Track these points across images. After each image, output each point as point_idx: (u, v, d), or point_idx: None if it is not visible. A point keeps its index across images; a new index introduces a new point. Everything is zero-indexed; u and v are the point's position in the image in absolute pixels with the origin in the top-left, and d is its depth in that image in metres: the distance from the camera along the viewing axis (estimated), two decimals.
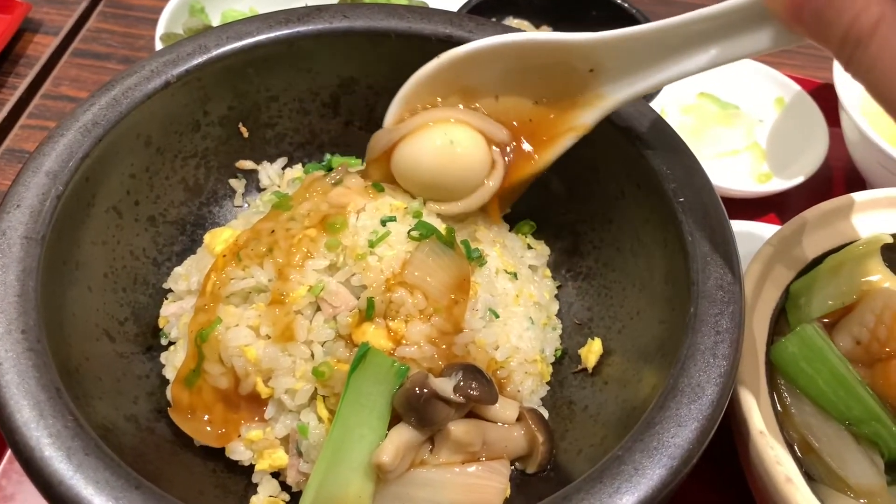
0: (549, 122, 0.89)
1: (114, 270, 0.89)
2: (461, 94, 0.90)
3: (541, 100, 0.88)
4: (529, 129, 0.90)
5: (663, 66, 0.79)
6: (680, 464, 0.65)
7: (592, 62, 0.82)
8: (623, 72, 0.82)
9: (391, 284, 0.80)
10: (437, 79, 0.89)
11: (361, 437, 0.74)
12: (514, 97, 0.89)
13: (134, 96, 0.88)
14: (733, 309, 0.74)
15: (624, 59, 0.81)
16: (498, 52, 0.86)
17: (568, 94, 0.86)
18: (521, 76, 0.87)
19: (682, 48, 0.76)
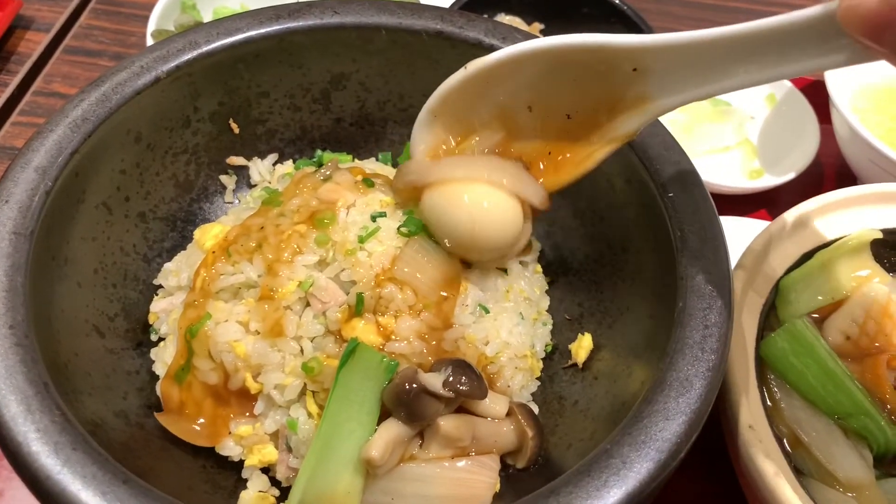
0: (587, 133, 0.80)
1: (104, 266, 0.89)
2: (493, 110, 0.82)
3: (576, 112, 0.80)
4: (561, 147, 0.83)
5: (717, 76, 0.69)
6: (668, 457, 0.65)
7: (636, 62, 0.72)
8: (671, 75, 0.72)
9: (381, 280, 0.80)
10: (466, 91, 0.81)
11: (350, 432, 0.74)
12: (548, 109, 0.81)
13: (124, 92, 0.87)
14: (721, 303, 0.75)
15: (672, 63, 0.71)
16: (529, 59, 0.77)
17: (608, 99, 0.77)
18: (557, 84, 0.78)
19: (741, 59, 0.66)
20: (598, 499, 0.62)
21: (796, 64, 0.63)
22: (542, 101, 0.80)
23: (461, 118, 0.83)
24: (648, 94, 0.74)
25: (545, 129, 0.82)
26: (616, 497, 0.63)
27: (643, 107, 0.75)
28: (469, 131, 0.84)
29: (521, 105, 0.81)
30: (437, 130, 0.84)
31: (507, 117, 0.83)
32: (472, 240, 0.82)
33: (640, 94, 0.74)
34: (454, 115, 0.83)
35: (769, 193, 1.28)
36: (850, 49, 0.59)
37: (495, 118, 0.83)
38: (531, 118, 0.82)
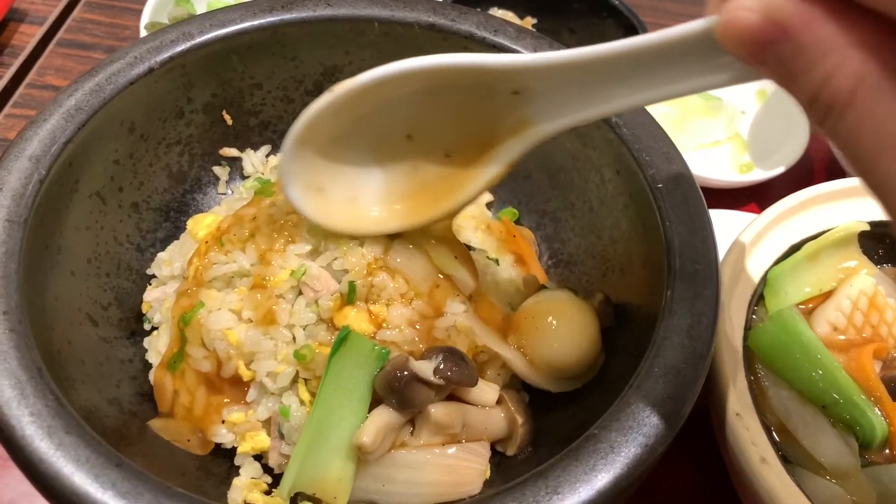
0: (469, 163, 0.75)
1: (97, 256, 0.89)
2: (369, 139, 0.76)
3: (458, 140, 0.75)
4: (443, 177, 0.77)
5: (600, 97, 0.64)
6: (655, 442, 0.66)
7: (517, 84, 0.67)
8: (553, 97, 0.67)
9: (372, 269, 0.80)
10: (335, 116, 0.73)
11: (342, 419, 0.75)
12: (429, 137, 0.75)
13: (117, 82, 0.88)
14: (709, 292, 0.75)
15: (554, 84, 0.66)
16: (401, 81, 0.70)
17: (489, 125, 0.72)
18: (436, 109, 0.72)
19: (623, 79, 0.62)
20: (586, 483, 0.63)
21: (681, 83, 0.58)
22: (422, 129, 0.74)
23: (333, 146, 0.76)
24: (529, 119, 0.70)
25: (426, 159, 0.77)
26: (604, 481, 0.63)
27: (524, 132, 0.71)
28: (342, 159, 0.77)
29: (399, 133, 0.75)
30: (307, 160, 0.76)
31: (384, 145, 0.76)
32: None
33: (521, 119, 0.70)
34: (324, 142, 0.75)
35: (759, 187, 1.29)
36: (736, 67, 0.54)
37: (372, 148, 0.77)
38: (412, 147, 0.76)
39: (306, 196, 0.77)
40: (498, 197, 1.07)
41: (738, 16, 0.44)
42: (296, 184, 0.76)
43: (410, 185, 0.79)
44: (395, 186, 0.79)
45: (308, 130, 0.73)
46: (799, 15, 0.42)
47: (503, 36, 0.98)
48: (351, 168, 0.78)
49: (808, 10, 0.42)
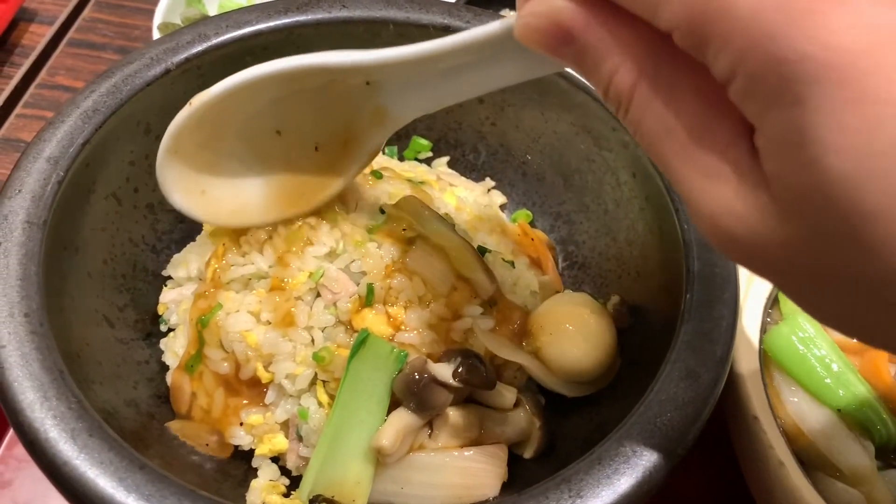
0: (338, 155, 0.80)
1: (113, 257, 0.89)
2: (239, 138, 0.79)
3: (323, 133, 0.78)
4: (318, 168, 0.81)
5: (445, 87, 0.68)
6: (677, 446, 0.66)
7: (365, 75, 0.70)
8: (401, 88, 0.71)
9: (390, 271, 0.81)
10: (199, 126, 0.75)
11: (361, 421, 0.75)
12: (296, 133, 0.79)
13: (134, 83, 0.88)
14: (728, 295, 0.76)
15: (398, 77, 0.69)
16: (257, 87, 0.73)
17: (350, 116, 0.76)
18: (297, 107, 0.76)
19: (459, 70, 0.65)
20: (608, 486, 0.63)
21: (510, 72, 0.62)
22: (288, 125, 0.78)
23: (205, 151, 0.78)
24: (385, 107, 0.73)
25: (298, 153, 0.80)
26: (626, 485, 0.64)
27: (383, 121, 0.75)
28: (218, 161, 0.79)
29: (267, 130, 0.78)
30: (182, 167, 0.78)
31: (256, 143, 0.79)
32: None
33: (378, 108, 0.74)
34: (195, 148, 0.78)
35: None
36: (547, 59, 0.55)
37: (245, 145, 0.79)
38: (282, 142, 0.79)
39: (190, 200, 0.80)
40: (511, 199, 1.08)
41: (529, 22, 0.48)
42: (177, 191, 0.79)
43: (286, 179, 0.82)
44: (272, 181, 0.82)
45: (175, 141, 0.76)
46: (580, 19, 0.45)
47: None
48: (228, 167, 0.80)
49: (587, 15, 0.45)
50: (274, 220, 0.83)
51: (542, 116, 1.02)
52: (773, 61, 0.36)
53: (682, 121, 0.43)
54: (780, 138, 0.38)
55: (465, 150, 1.10)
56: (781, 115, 0.37)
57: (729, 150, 0.42)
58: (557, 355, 0.83)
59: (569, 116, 0.99)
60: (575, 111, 0.97)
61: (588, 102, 0.94)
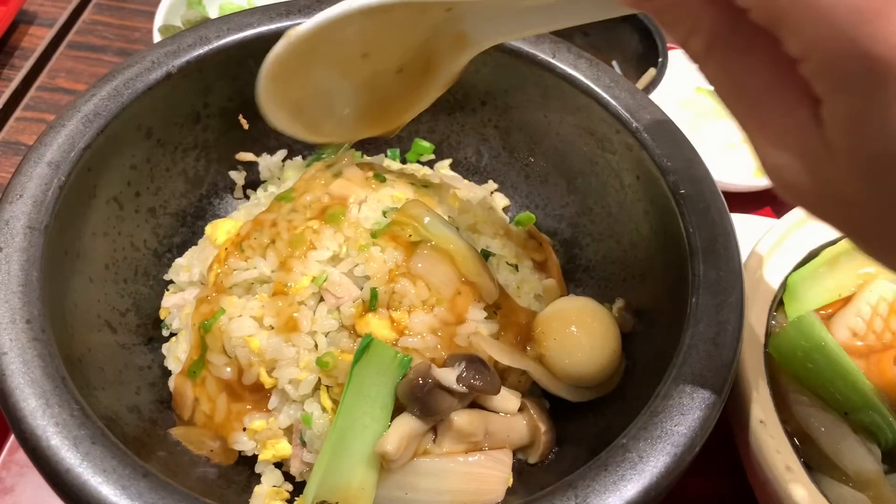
0: (420, 77, 0.85)
1: (115, 262, 0.89)
2: (330, 66, 0.82)
3: (407, 58, 0.83)
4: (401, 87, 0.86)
5: (521, 19, 0.76)
6: (683, 451, 0.66)
7: (448, 3, 0.75)
8: (481, 16, 0.77)
9: (394, 275, 0.80)
10: (295, 55, 0.79)
11: (365, 427, 0.74)
12: (382, 56, 0.82)
13: (135, 87, 0.87)
14: (734, 299, 0.75)
15: (481, 6, 0.76)
16: (347, 20, 0.76)
17: (430, 39, 0.80)
18: (382, 29, 0.78)
19: (540, 6, 0.72)
20: (615, 493, 0.63)
21: (585, 13, 0.71)
22: (374, 49, 0.81)
23: (300, 75, 0.83)
24: (465, 33, 0.79)
25: (383, 75, 0.84)
26: (633, 491, 0.63)
27: (463, 46, 0.80)
28: (311, 84, 0.84)
29: (355, 54, 0.82)
30: (280, 91, 0.82)
31: (345, 67, 0.83)
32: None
33: (459, 34, 0.79)
34: (291, 74, 0.82)
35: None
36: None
37: (335, 69, 0.83)
38: (369, 65, 0.83)
39: (288, 119, 0.85)
40: (514, 201, 1.07)
41: None
42: (278, 112, 0.83)
43: (372, 100, 0.86)
44: (360, 101, 0.87)
45: (274, 68, 0.80)
46: None
47: (522, 41, 0.97)
48: (321, 90, 0.85)
49: None
50: (360, 137, 0.92)
51: (545, 119, 1.01)
52: (845, 55, 0.42)
53: (752, 83, 0.49)
54: (846, 117, 0.44)
55: (467, 153, 1.09)
56: (850, 99, 0.43)
57: (794, 113, 0.47)
58: (562, 360, 0.82)
59: (572, 118, 0.98)
60: (578, 113, 0.97)
61: (591, 105, 0.94)
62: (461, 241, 0.84)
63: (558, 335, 0.83)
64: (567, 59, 0.96)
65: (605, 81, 0.94)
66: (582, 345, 0.82)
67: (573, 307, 0.86)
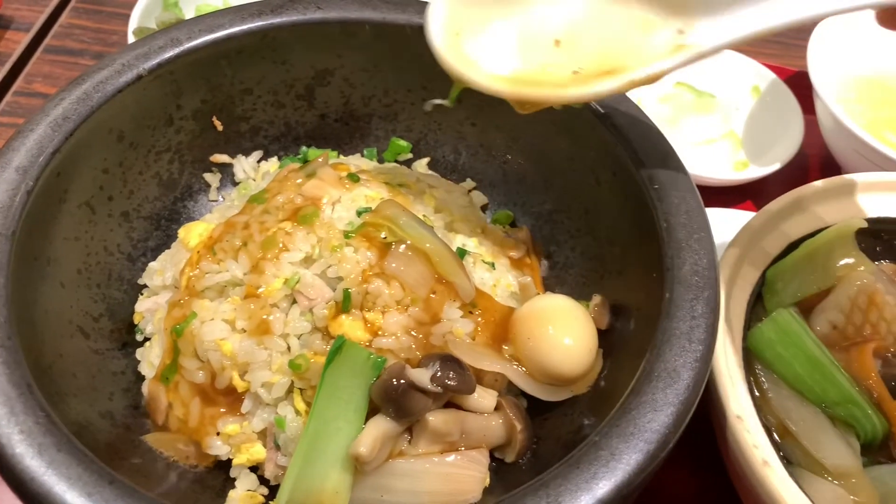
0: (594, 80, 0.79)
1: (87, 266, 0.88)
2: (519, 24, 0.80)
3: (593, 65, 0.79)
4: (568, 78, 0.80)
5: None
6: (656, 448, 0.65)
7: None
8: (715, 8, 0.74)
9: (367, 275, 0.79)
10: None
11: (338, 429, 0.74)
12: (574, 47, 0.80)
13: (105, 90, 0.87)
14: (708, 294, 0.75)
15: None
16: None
17: (634, 50, 0.77)
18: (589, 27, 0.78)
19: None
20: (588, 491, 0.62)
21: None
22: (568, 40, 0.78)
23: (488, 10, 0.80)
24: (688, 44, 0.74)
25: (560, 67, 0.80)
26: (605, 489, 0.62)
27: (678, 51, 0.75)
28: (490, 27, 0.81)
29: (547, 35, 0.79)
30: (453, 18, 0.80)
31: (529, 41, 0.80)
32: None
33: (679, 45, 0.75)
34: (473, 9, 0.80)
35: (755, 184, 1.28)
36: None
37: (517, 36, 0.80)
38: (552, 51, 0.80)
39: (448, 49, 0.81)
40: (493, 199, 1.07)
41: None
42: (440, 35, 0.80)
43: (532, 71, 0.81)
44: (523, 65, 0.81)
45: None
46: None
47: None
48: (499, 38, 0.81)
49: None
50: (500, 91, 0.82)
51: (521, 115, 1.00)
52: None
53: None
54: None
55: (445, 151, 1.09)
56: None
57: None
58: (537, 359, 0.82)
59: (549, 115, 0.97)
60: (554, 110, 0.96)
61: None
62: (436, 240, 0.83)
63: (533, 335, 0.82)
64: None
65: None
66: (557, 344, 0.81)
67: (548, 305, 0.85)
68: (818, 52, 1.27)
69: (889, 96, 1.32)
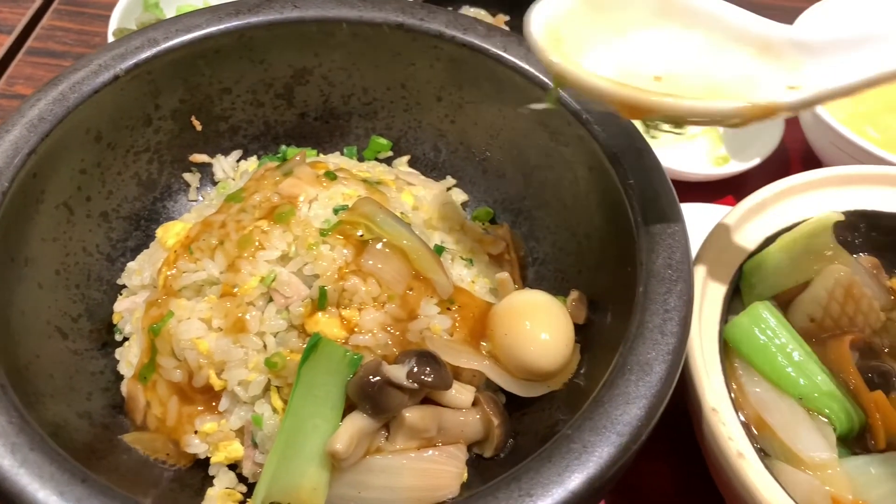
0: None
1: (66, 267, 0.88)
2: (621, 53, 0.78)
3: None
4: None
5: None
6: (629, 440, 0.65)
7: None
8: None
9: (344, 273, 0.80)
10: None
11: (315, 427, 0.74)
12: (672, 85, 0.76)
13: (82, 91, 0.87)
14: (681, 287, 0.75)
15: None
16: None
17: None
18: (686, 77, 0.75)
19: None
20: (559, 484, 0.63)
21: None
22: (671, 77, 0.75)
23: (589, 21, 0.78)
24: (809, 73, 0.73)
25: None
26: (577, 481, 0.63)
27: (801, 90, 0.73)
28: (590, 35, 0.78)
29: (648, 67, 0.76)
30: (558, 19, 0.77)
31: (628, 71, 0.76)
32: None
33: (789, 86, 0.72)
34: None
35: (736, 179, 1.28)
36: None
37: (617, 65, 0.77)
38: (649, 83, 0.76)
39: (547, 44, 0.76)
40: (473, 196, 1.07)
41: None
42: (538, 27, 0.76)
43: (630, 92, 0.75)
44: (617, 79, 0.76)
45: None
46: None
47: (473, 34, 0.97)
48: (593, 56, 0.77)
49: None
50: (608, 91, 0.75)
51: (500, 113, 1.01)
52: None
53: None
54: None
55: (425, 149, 1.09)
56: None
57: None
58: (514, 355, 0.82)
59: (525, 112, 0.98)
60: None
61: (544, 97, 0.94)
62: (414, 237, 0.84)
63: (510, 330, 0.82)
64: (518, 52, 0.96)
65: None
66: (534, 338, 0.82)
67: (525, 301, 0.86)
68: None
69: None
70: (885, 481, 0.81)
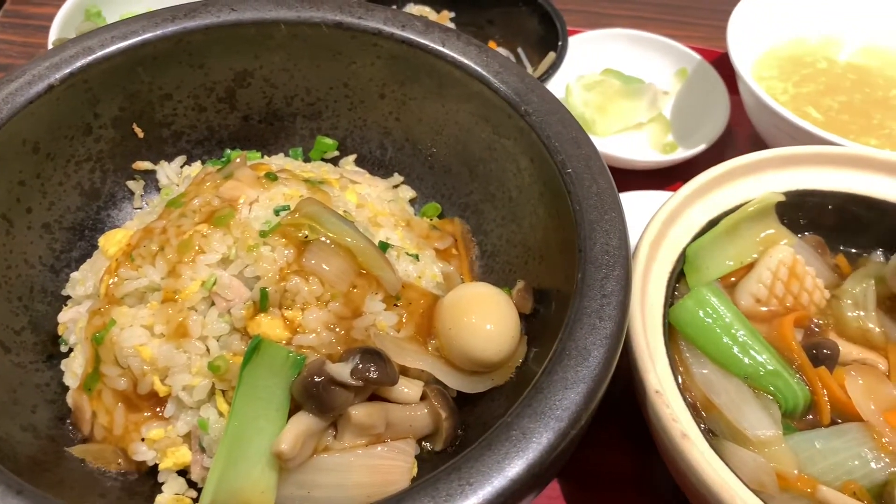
0: None
1: (7, 280, 0.87)
2: None
3: None
4: None
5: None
6: (567, 426, 0.66)
7: None
8: None
9: (285, 273, 0.80)
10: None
11: (260, 429, 0.74)
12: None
13: (15, 102, 0.86)
14: (619, 272, 0.76)
15: None
16: None
17: None
18: None
19: None
20: (499, 472, 0.63)
21: None
22: None
23: None
24: None
25: None
26: (517, 468, 0.63)
27: None
28: None
29: None
30: None
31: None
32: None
33: None
34: None
35: (685, 166, 1.30)
36: None
37: None
38: None
39: None
40: (421, 192, 1.07)
41: None
42: None
43: None
44: None
45: None
46: None
47: (411, 31, 0.97)
48: None
49: None
50: None
51: (442, 108, 1.02)
52: None
53: None
54: None
55: (371, 147, 1.09)
56: None
57: None
58: (459, 346, 0.82)
59: (468, 106, 0.99)
60: (473, 100, 0.97)
61: (484, 91, 0.94)
62: (358, 235, 0.84)
63: (455, 323, 0.83)
64: (457, 46, 0.96)
65: (495, 67, 0.94)
66: (478, 330, 0.82)
67: (469, 293, 0.86)
68: (738, 33, 1.28)
69: (810, 72, 1.35)
70: (830, 455, 0.82)
